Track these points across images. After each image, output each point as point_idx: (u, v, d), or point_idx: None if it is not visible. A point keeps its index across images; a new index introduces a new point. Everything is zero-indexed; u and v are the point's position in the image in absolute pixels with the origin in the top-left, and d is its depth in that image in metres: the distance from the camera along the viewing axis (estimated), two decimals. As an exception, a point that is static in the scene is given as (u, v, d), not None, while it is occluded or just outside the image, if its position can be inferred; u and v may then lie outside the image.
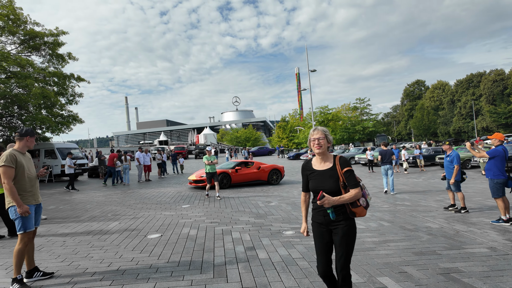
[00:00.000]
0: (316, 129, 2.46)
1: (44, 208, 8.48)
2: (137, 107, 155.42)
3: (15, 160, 3.47)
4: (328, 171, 2.40)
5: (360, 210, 2.34)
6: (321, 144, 2.41)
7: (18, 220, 3.44)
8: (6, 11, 15.41)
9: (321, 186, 2.38)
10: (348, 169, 2.36)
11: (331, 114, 44.33)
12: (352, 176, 2.35)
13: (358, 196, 2.31)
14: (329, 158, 2.48)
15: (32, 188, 3.61)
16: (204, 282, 3.44)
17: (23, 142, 3.65)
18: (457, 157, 6.62)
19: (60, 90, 17.55)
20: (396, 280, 3.37)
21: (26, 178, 3.55)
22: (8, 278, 3.71)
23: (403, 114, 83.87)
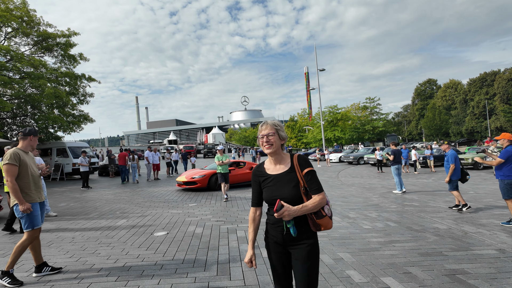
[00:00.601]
0: (264, 123, 2.02)
1: (54, 206, 8.68)
2: (147, 107, 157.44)
3: (19, 158, 3.54)
4: (285, 174, 1.95)
5: (326, 221, 1.89)
6: (271, 141, 1.96)
7: (25, 218, 3.51)
8: (20, 13, 15.81)
9: (277, 194, 1.91)
10: (309, 170, 1.93)
11: (340, 113, 43.93)
12: (314, 178, 1.92)
13: (323, 203, 1.88)
14: (285, 158, 2.03)
15: (36, 186, 3.69)
16: (207, 279, 3.48)
17: (27, 142, 3.72)
18: (453, 156, 6.74)
19: (72, 90, 17.93)
20: (400, 280, 3.34)
21: (30, 176, 3.62)
22: (20, 272, 3.81)
23: (414, 114, 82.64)
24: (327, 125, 43.44)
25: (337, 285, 3.26)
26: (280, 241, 1.94)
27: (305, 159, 1.98)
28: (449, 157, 6.84)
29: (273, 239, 1.98)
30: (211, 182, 11.01)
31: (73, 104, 17.78)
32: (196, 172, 11.50)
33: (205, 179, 10.89)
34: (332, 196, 9.18)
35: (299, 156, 1.99)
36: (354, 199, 8.70)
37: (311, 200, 1.86)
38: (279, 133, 1.99)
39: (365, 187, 11.17)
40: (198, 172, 11.40)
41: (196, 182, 10.76)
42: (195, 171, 11.66)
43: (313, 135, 44.76)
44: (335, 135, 42.44)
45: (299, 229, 1.90)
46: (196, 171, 11.61)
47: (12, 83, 14.99)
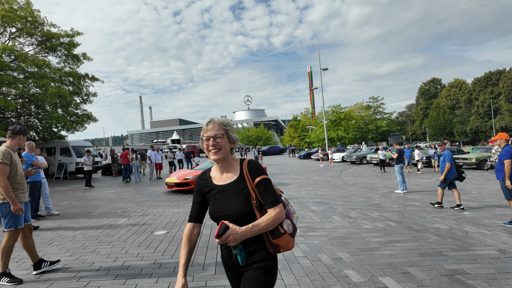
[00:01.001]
0: (211, 122, 1.62)
1: (57, 204, 8.75)
2: (151, 107, 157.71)
3: (10, 157, 3.50)
4: (233, 185, 1.60)
5: (285, 241, 1.54)
6: (219, 145, 1.59)
7: (9, 217, 3.46)
8: (24, 13, 15.93)
9: (224, 210, 1.58)
10: (261, 178, 1.58)
11: (343, 113, 43.76)
12: (268, 188, 1.58)
13: (281, 218, 1.53)
14: (234, 165, 1.67)
15: (22, 186, 3.65)
16: (205, 278, 3.49)
17: (16, 140, 3.66)
18: (449, 156, 6.93)
19: (75, 89, 18.04)
20: (398, 280, 3.32)
21: (18, 176, 3.59)
22: (20, 270, 3.85)
23: (418, 113, 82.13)
24: (330, 125, 43.30)
25: (335, 285, 3.25)
26: (229, 264, 1.64)
27: (256, 166, 1.64)
28: (445, 156, 7.00)
29: (224, 259, 1.68)
30: None
31: (76, 104, 17.89)
32: (188, 172, 10.87)
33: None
34: (334, 196, 9.16)
35: (250, 162, 1.65)
36: (355, 198, 8.67)
37: (265, 216, 1.51)
38: (228, 134, 1.64)
39: (367, 186, 11.12)
40: (190, 172, 10.79)
41: (189, 183, 10.13)
42: (187, 172, 11.03)
43: (316, 135, 44.64)
44: (338, 134, 42.30)
45: (250, 254, 1.56)
46: (188, 172, 10.98)
47: (16, 82, 15.11)
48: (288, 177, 15.03)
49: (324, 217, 6.40)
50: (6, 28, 16.16)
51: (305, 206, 7.60)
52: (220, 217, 1.57)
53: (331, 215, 6.57)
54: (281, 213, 1.54)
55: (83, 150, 17.22)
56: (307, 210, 7.18)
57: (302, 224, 5.86)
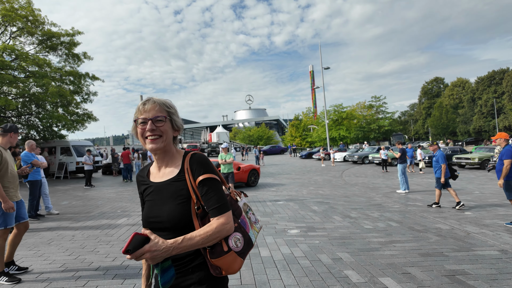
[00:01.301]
0: (149, 101, 1.27)
1: (57, 204, 8.75)
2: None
3: (1, 155, 3.46)
4: (170, 184, 1.26)
5: (227, 261, 1.18)
6: (159, 130, 1.24)
7: (0, 216, 3.41)
8: (25, 13, 15.95)
9: (155, 215, 1.24)
10: (205, 177, 1.23)
11: (345, 112, 43.66)
12: (213, 191, 1.22)
13: (225, 231, 1.17)
14: (175, 159, 1.33)
15: (14, 185, 3.60)
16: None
17: (7, 138, 3.62)
18: (442, 156, 6.98)
19: (76, 89, 18.06)
20: (398, 281, 3.28)
21: (9, 174, 3.54)
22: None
23: (421, 113, 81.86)
24: (332, 124, 43.21)
25: (334, 285, 3.21)
26: (156, 285, 1.24)
27: (201, 160, 1.28)
28: (438, 157, 7.04)
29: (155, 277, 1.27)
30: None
31: (77, 103, 17.91)
32: None
33: None
34: (335, 196, 9.11)
35: (193, 156, 1.29)
36: (356, 198, 8.62)
37: (204, 227, 1.15)
38: (172, 118, 1.30)
39: (369, 186, 11.07)
40: None
41: None
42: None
43: (317, 134, 44.56)
44: (340, 134, 42.21)
45: (185, 274, 1.20)
46: None
47: (17, 82, 15.14)
48: (289, 176, 14.99)
49: (324, 217, 6.36)
50: (7, 27, 16.20)
51: (305, 206, 7.56)
52: (151, 223, 1.25)
53: (331, 215, 6.53)
54: (226, 225, 1.18)
55: (84, 150, 17.24)
56: (307, 210, 7.14)
57: (302, 224, 5.83)
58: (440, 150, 7.24)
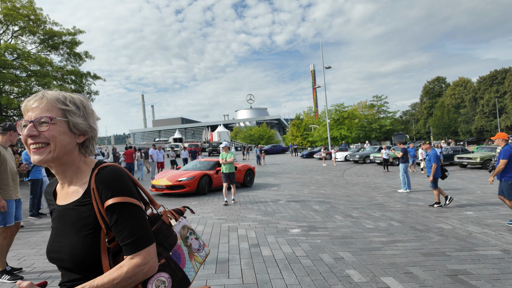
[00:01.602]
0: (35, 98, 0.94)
1: (60, 202, 8.77)
2: (153, 105, 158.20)
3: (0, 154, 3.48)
4: (72, 209, 0.96)
5: None
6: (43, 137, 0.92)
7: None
8: (27, 12, 15.97)
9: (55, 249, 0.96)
10: (115, 202, 0.92)
11: (346, 112, 43.64)
12: (126, 219, 0.92)
13: (142, 275, 0.90)
14: (82, 174, 1.01)
15: (14, 182, 3.61)
16: (205, 277, 3.46)
17: (6, 137, 3.64)
18: (434, 156, 7.05)
19: (77, 88, 18.07)
20: (400, 280, 3.28)
21: (8, 172, 3.55)
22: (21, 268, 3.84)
23: (422, 112, 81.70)
24: (333, 124, 43.17)
25: (336, 285, 3.21)
26: None
27: (110, 178, 0.95)
28: (431, 156, 7.14)
29: None
30: (201, 185, 9.40)
31: (79, 102, 17.94)
32: (180, 173, 9.72)
33: (194, 181, 9.23)
34: (336, 195, 9.11)
35: (100, 172, 0.96)
36: (358, 198, 8.61)
37: (112, 271, 0.88)
38: (71, 118, 0.96)
39: (370, 186, 11.06)
40: (183, 173, 9.67)
41: (184, 186, 9.07)
42: (179, 172, 9.87)
43: (319, 134, 44.55)
44: (341, 133, 42.18)
45: None
46: (181, 172, 9.84)
47: (19, 81, 15.18)
48: (290, 176, 14.98)
49: (326, 217, 6.36)
50: (8, 26, 16.22)
51: (307, 205, 7.56)
52: (53, 259, 0.97)
53: (333, 215, 6.53)
54: (142, 267, 0.89)
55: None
56: (309, 209, 7.14)
57: (303, 223, 5.82)
58: (433, 149, 7.32)
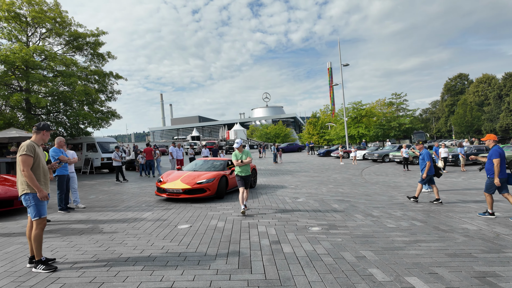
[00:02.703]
0: None
1: (84, 198, 9.12)
2: (171, 104, 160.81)
3: (34, 150, 3.72)
4: None
5: None
6: None
7: (33, 207, 3.65)
8: (53, 14, 16.61)
9: None
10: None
11: (364, 110, 42.81)
12: None
13: None
14: None
15: (45, 178, 3.84)
16: (229, 272, 3.54)
17: (40, 136, 3.90)
18: (428, 154, 7.47)
19: (100, 87, 18.66)
20: (426, 280, 3.24)
21: (41, 168, 3.79)
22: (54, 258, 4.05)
23: (443, 110, 79.08)
24: (351, 122, 42.49)
25: (359, 283, 3.22)
26: None
27: None
28: (424, 155, 7.54)
29: None
30: (221, 187, 8.40)
31: (101, 101, 18.51)
32: (194, 174, 8.65)
33: (215, 183, 8.19)
34: (355, 194, 9.02)
35: None
36: (378, 197, 8.50)
37: None
38: None
39: (390, 185, 10.87)
40: (198, 174, 8.61)
41: (204, 189, 8.00)
42: (191, 174, 8.75)
43: (336, 132, 43.97)
44: (359, 132, 41.46)
45: None
46: (194, 174, 8.74)
47: (46, 81, 15.83)
48: (308, 174, 14.92)
49: (346, 215, 6.32)
50: (36, 29, 16.92)
51: (326, 204, 7.54)
52: None
53: (353, 213, 6.48)
54: None
55: (108, 146, 17.82)
56: (328, 208, 7.12)
57: (323, 222, 5.82)
58: (425, 149, 7.76)
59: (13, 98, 14.18)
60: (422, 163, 7.59)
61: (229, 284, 3.24)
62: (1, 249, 4.50)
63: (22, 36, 16.68)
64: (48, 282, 3.33)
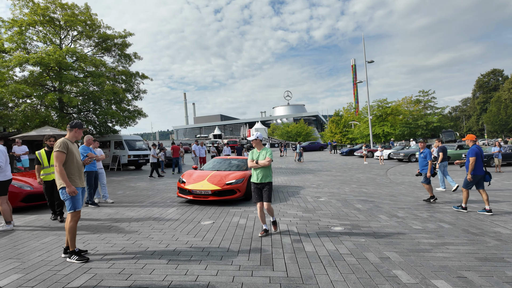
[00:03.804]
0: None
1: (113, 193, 9.52)
2: (194, 103, 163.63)
3: (67, 147, 3.94)
4: None
5: None
6: None
7: (69, 200, 3.88)
8: (84, 18, 17.38)
9: None
10: None
11: (390, 107, 41.60)
12: None
13: None
14: None
15: (79, 173, 4.06)
16: (251, 268, 3.60)
17: (72, 133, 4.14)
18: (430, 153, 7.65)
19: (127, 87, 19.35)
20: (454, 284, 3.14)
21: (74, 163, 4.01)
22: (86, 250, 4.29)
23: (475, 108, 75.28)
24: (375, 120, 41.44)
25: (383, 284, 3.16)
26: None
27: None
28: (426, 153, 7.69)
29: None
30: (249, 188, 7.74)
31: (128, 100, 19.19)
32: (223, 174, 7.97)
33: (244, 184, 7.63)
34: (380, 195, 8.81)
35: None
36: (403, 198, 8.26)
37: None
38: None
39: (416, 186, 10.53)
40: (226, 174, 7.95)
41: (235, 191, 7.42)
42: (220, 174, 8.05)
43: (359, 131, 43.04)
44: (384, 130, 40.37)
45: None
46: (223, 173, 8.06)
47: (77, 81, 16.61)
48: (330, 173, 14.73)
49: (369, 216, 6.21)
50: (68, 31, 17.78)
51: (349, 204, 7.43)
52: None
53: (377, 214, 6.35)
54: None
55: (134, 144, 18.45)
56: (351, 208, 7.01)
57: (346, 222, 5.75)
58: (427, 148, 7.81)
59: (47, 97, 15.00)
60: (423, 161, 7.72)
61: (252, 280, 3.29)
62: (38, 240, 4.82)
63: (56, 39, 17.60)
64: (81, 272, 3.53)
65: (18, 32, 15.91)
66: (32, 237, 4.95)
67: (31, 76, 15.77)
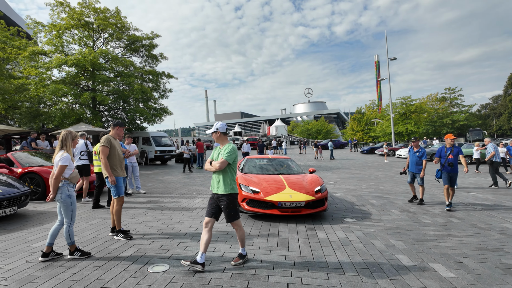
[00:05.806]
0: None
1: (144, 185, 10.36)
2: (215, 100, 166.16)
3: (110, 142, 4.62)
4: None
5: None
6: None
7: (113, 188, 4.56)
8: (115, 21, 18.49)
9: None
10: None
11: (414, 105, 40.68)
12: None
13: None
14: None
15: (120, 164, 4.72)
16: (269, 248, 4.15)
17: (114, 131, 4.85)
18: (426, 153, 7.53)
19: (154, 86, 20.37)
20: (449, 267, 3.54)
21: (116, 156, 4.68)
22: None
23: (506, 106, 71.66)
24: (399, 118, 40.67)
25: (385, 265, 3.62)
26: None
27: None
28: (423, 153, 7.57)
29: None
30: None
31: (155, 99, 20.24)
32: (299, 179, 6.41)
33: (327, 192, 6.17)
34: (396, 192, 9.10)
35: None
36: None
37: None
38: None
39: (434, 184, 10.65)
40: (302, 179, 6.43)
41: (324, 201, 5.92)
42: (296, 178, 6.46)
43: (382, 129, 42.40)
44: (407, 128, 39.59)
45: None
46: (299, 178, 6.55)
47: (109, 81, 17.76)
48: (348, 171, 15.00)
49: (382, 210, 6.58)
50: (101, 34, 18.98)
51: (363, 199, 7.80)
52: None
53: (389, 209, 6.71)
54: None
55: (161, 140, 19.46)
56: (365, 202, 7.39)
57: (358, 215, 6.17)
58: (422, 147, 7.88)
59: (83, 96, 16.22)
60: (418, 161, 7.41)
61: (270, 257, 3.84)
62: (88, 222, 5.60)
63: (89, 41, 18.84)
64: (127, 247, 4.22)
65: (56, 36, 17.23)
66: (81, 220, 5.75)
67: (67, 76, 17.05)
